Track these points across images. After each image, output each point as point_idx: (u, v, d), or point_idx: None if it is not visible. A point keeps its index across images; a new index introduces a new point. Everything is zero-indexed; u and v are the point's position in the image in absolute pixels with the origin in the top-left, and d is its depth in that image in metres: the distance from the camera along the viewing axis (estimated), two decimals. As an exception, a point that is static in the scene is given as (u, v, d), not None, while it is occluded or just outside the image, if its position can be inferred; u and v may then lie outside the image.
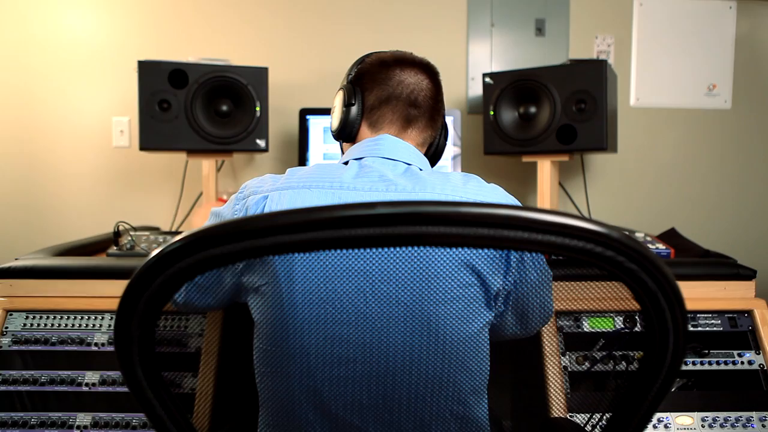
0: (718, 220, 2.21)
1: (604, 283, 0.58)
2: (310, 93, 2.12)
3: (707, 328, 1.24)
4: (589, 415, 0.69)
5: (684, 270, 1.29)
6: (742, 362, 1.20)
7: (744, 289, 1.28)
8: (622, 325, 1.22)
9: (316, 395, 0.81)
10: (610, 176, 2.20)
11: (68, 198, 2.12)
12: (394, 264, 0.77)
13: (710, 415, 1.15)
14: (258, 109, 1.77)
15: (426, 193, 0.86)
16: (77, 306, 1.24)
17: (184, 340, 1.21)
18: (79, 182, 2.12)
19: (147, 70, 1.73)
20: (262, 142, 1.79)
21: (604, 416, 0.62)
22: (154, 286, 0.50)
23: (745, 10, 2.18)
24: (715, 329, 1.23)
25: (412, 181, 0.88)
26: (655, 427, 1.15)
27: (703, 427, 1.15)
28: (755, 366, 1.20)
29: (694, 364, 1.20)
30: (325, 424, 0.82)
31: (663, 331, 0.53)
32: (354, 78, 1.01)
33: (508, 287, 0.87)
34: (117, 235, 1.51)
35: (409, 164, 0.94)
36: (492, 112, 1.83)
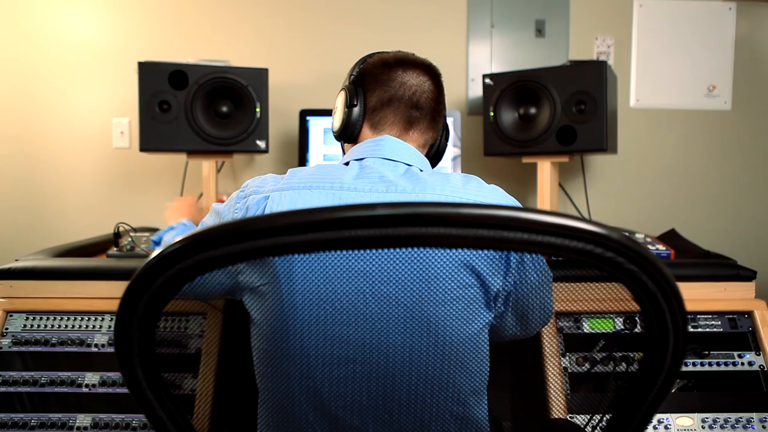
0: (718, 221, 2.21)
1: (604, 284, 0.59)
2: (310, 94, 2.12)
3: (707, 329, 1.24)
4: (589, 416, 0.69)
5: (684, 271, 1.29)
6: (742, 363, 1.20)
7: (744, 290, 1.28)
8: (622, 326, 1.22)
9: (315, 396, 0.81)
10: (610, 177, 2.20)
11: (68, 199, 2.12)
12: (393, 265, 0.77)
13: (710, 416, 1.15)
14: (258, 110, 1.77)
15: (426, 194, 0.86)
16: (77, 307, 1.24)
17: (184, 341, 1.21)
18: (80, 183, 2.12)
19: (147, 71, 1.73)
20: (262, 143, 1.79)
21: (604, 417, 0.62)
22: (154, 288, 0.51)
23: (745, 11, 2.18)
24: (715, 330, 1.23)
25: (412, 182, 0.88)
26: (655, 428, 1.15)
27: (703, 428, 1.15)
28: (755, 367, 1.20)
29: (695, 365, 1.20)
30: (325, 425, 0.82)
31: (663, 332, 0.53)
32: (356, 78, 1.01)
33: (508, 288, 0.87)
34: (117, 236, 1.51)
35: (410, 165, 0.94)
36: (492, 113, 1.83)
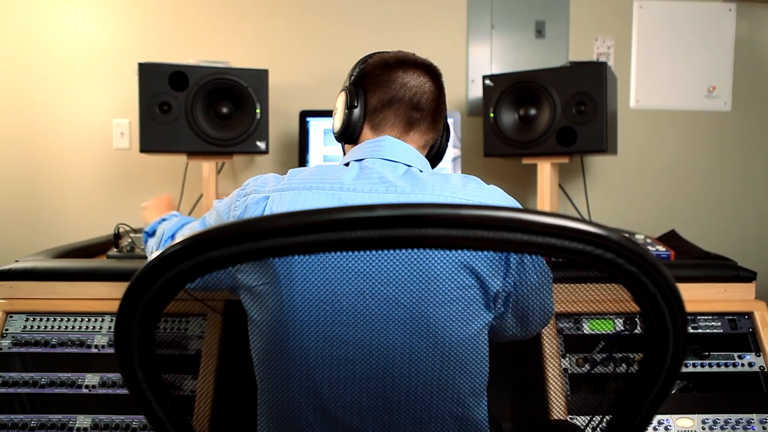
0: (718, 222, 2.21)
1: (604, 285, 0.58)
2: (310, 95, 2.12)
3: (707, 330, 1.24)
4: (589, 418, 0.69)
5: (684, 272, 1.29)
6: (743, 364, 1.20)
7: (744, 291, 1.28)
8: (622, 327, 1.22)
9: (315, 396, 0.81)
10: (610, 178, 2.20)
11: (68, 200, 2.12)
12: (393, 265, 0.76)
13: (710, 418, 1.15)
14: (258, 111, 1.77)
15: (425, 194, 0.86)
16: (77, 308, 1.24)
17: (184, 342, 1.21)
18: (80, 184, 2.12)
19: (147, 72, 1.73)
20: (262, 144, 1.79)
21: (604, 418, 0.62)
22: (154, 289, 0.51)
23: (745, 12, 2.18)
24: (716, 331, 1.23)
25: (412, 183, 0.88)
26: (656, 430, 1.15)
27: (703, 429, 1.14)
28: (755, 368, 1.20)
29: (695, 366, 1.20)
30: (325, 426, 0.82)
31: (663, 333, 0.53)
32: (356, 79, 1.00)
33: (508, 289, 0.87)
34: (117, 237, 1.51)
35: (410, 166, 0.93)
36: (492, 114, 1.83)
